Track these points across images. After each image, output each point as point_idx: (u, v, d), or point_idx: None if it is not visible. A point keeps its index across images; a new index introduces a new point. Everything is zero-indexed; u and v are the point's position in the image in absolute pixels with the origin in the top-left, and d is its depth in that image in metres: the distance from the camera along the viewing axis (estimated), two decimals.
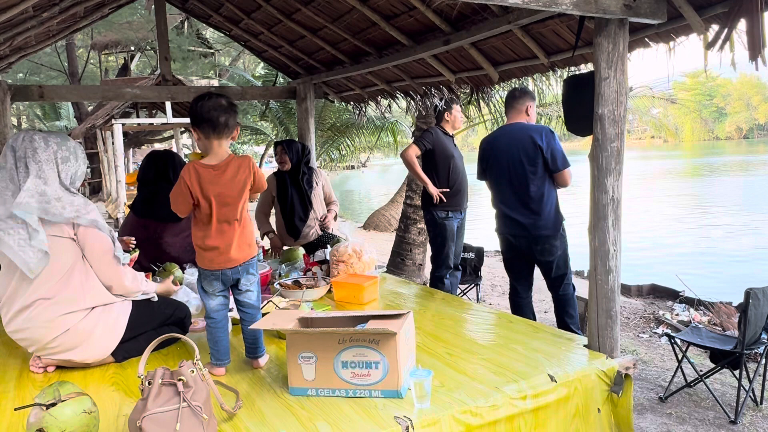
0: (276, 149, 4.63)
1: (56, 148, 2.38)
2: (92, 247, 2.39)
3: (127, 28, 14.52)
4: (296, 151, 4.56)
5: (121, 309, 2.49)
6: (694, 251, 10.91)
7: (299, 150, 4.58)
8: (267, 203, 4.75)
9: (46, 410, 1.70)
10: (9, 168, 2.32)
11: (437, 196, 4.37)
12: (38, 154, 2.33)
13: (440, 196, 4.37)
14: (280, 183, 4.58)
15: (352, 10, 3.93)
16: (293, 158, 4.52)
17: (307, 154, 4.68)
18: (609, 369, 2.38)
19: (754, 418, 3.45)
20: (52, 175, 2.33)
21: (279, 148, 4.58)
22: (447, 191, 4.39)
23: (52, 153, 2.36)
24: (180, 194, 2.24)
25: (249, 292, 2.36)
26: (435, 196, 4.37)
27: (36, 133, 2.40)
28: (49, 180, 2.32)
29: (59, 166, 2.37)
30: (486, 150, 3.97)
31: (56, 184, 2.34)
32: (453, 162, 4.45)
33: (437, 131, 4.54)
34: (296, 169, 4.55)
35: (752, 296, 3.31)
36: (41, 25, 4.02)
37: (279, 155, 4.57)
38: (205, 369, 1.86)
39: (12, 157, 2.33)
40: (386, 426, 1.87)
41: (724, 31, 2.29)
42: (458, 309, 3.22)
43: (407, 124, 14.03)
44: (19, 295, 2.33)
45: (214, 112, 2.23)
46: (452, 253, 4.51)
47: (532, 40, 3.32)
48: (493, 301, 6.48)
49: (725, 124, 68.28)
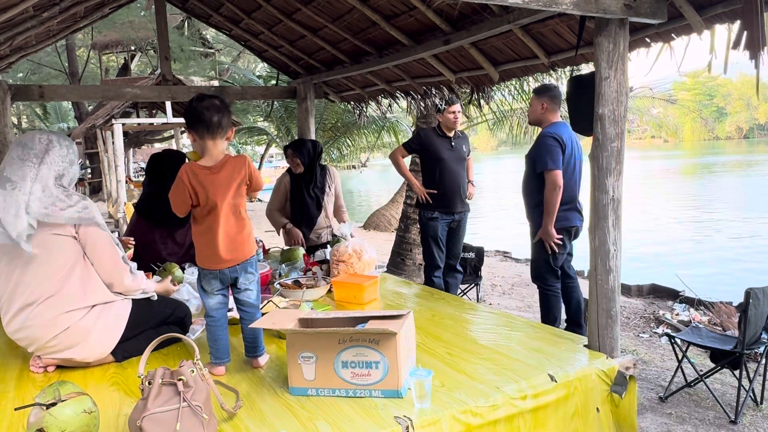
0: (287, 153, 4.49)
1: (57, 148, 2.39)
2: (93, 245, 2.40)
3: (129, 28, 14.52)
4: (307, 152, 4.39)
5: (121, 308, 2.50)
6: (694, 251, 10.91)
7: (310, 150, 4.41)
8: (280, 200, 4.54)
9: (47, 410, 1.70)
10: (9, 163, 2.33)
11: (423, 196, 4.49)
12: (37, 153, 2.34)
13: (426, 196, 4.46)
14: (294, 186, 4.44)
15: (353, 9, 3.93)
16: (305, 160, 4.37)
17: (320, 152, 4.52)
18: (609, 369, 2.38)
19: (755, 418, 3.45)
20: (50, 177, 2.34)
21: (290, 151, 4.44)
22: (434, 192, 4.47)
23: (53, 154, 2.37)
24: (178, 195, 2.26)
25: (248, 291, 2.37)
26: (420, 196, 4.51)
27: (38, 132, 2.41)
28: (49, 181, 2.33)
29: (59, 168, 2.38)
30: (563, 143, 3.90)
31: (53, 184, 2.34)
32: (442, 164, 4.48)
33: (429, 133, 4.59)
34: (309, 171, 4.41)
35: (752, 296, 3.31)
36: (41, 24, 4.02)
37: (290, 158, 4.42)
38: (205, 369, 1.86)
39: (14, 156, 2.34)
40: (386, 426, 1.87)
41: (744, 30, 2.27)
42: (458, 309, 3.22)
43: (407, 124, 14.04)
44: (19, 295, 2.33)
45: (207, 112, 2.23)
46: (438, 253, 4.55)
47: (532, 40, 3.32)
48: (493, 301, 6.48)
49: (725, 123, 68.25)
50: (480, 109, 4.76)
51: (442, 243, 4.58)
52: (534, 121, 4.18)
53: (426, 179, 4.56)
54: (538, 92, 4.08)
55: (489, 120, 10.78)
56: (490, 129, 11.41)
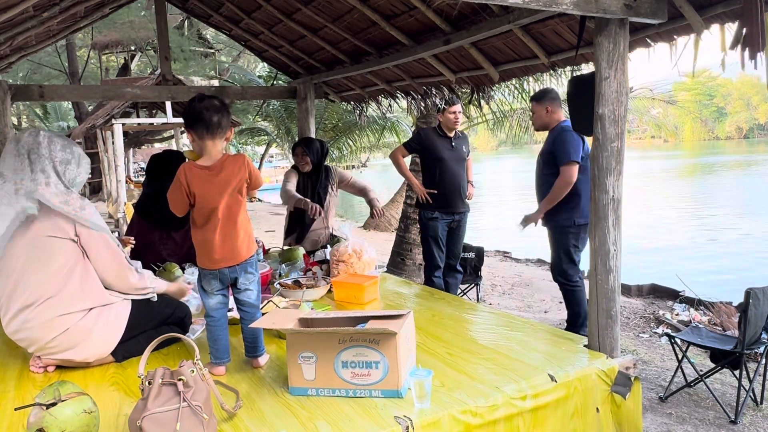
0: (296, 150, 4.46)
1: (59, 149, 2.41)
2: (97, 249, 2.41)
3: (129, 28, 14.51)
4: (317, 150, 4.39)
5: (120, 308, 2.50)
6: (694, 251, 10.91)
7: (319, 150, 4.41)
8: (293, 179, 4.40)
9: (47, 410, 1.70)
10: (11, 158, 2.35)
11: (423, 196, 4.50)
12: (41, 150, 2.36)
13: (426, 196, 4.47)
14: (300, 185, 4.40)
15: (353, 9, 3.93)
16: (314, 158, 4.37)
17: (326, 152, 4.50)
18: (609, 369, 2.38)
19: (755, 418, 3.45)
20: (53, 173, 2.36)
21: (299, 149, 4.41)
22: (434, 192, 4.47)
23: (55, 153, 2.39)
24: (175, 194, 2.27)
25: (248, 290, 2.37)
26: (420, 195, 4.51)
27: (42, 132, 2.43)
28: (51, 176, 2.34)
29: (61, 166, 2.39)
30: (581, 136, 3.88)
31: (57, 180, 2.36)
32: (442, 164, 4.48)
33: (429, 133, 4.59)
34: (316, 170, 4.40)
35: (752, 296, 3.31)
36: (41, 24, 4.02)
37: (300, 157, 4.40)
38: (205, 369, 1.86)
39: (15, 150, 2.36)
40: (386, 426, 1.87)
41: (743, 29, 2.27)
42: (458, 309, 3.22)
43: (408, 124, 14.04)
44: (18, 295, 2.33)
45: (206, 112, 2.23)
46: (438, 253, 4.55)
47: (532, 40, 3.32)
48: (493, 301, 6.48)
49: (725, 123, 68.24)
50: (480, 109, 4.75)
51: (442, 243, 4.58)
52: (541, 126, 4.16)
53: (426, 179, 4.57)
54: (538, 98, 4.07)
55: (489, 120, 10.77)
56: (490, 129, 11.40)
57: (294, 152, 4.52)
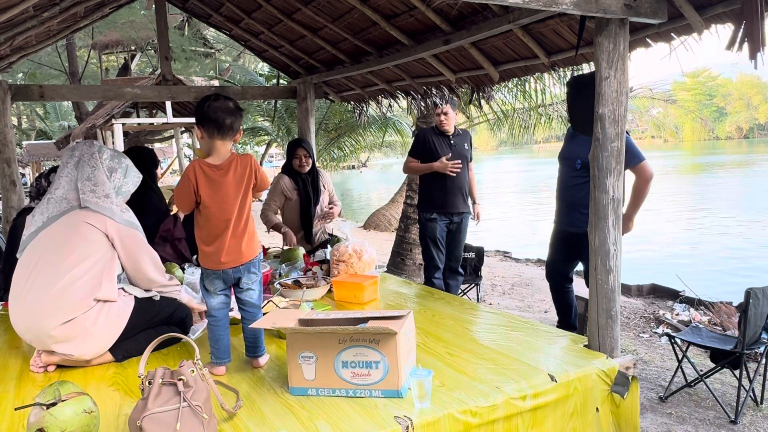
0: (297, 153, 4.45)
1: (108, 158, 2.63)
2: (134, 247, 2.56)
3: (129, 28, 14.51)
4: (312, 151, 4.47)
5: (123, 305, 2.51)
6: (694, 251, 10.91)
7: (313, 150, 4.50)
8: (276, 201, 4.51)
9: (47, 410, 1.70)
10: (63, 167, 2.60)
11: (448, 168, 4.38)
12: (92, 160, 2.59)
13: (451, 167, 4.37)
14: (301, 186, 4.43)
15: (353, 9, 3.93)
16: (313, 158, 4.45)
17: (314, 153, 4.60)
18: (609, 369, 2.38)
19: (755, 418, 3.45)
20: (99, 180, 2.56)
21: (302, 151, 4.42)
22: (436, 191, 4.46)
23: (104, 161, 2.61)
24: (184, 191, 2.26)
25: (250, 290, 2.37)
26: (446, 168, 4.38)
27: (96, 143, 2.68)
28: (98, 184, 2.55)
29: (108, 174, 2.60)
30: None
31: (102, 187, 2.56)
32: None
33: (428, 133, 4.59)
34: (311, 170, 4.44)
35: (752, 296, 3.31)
36: (41, 24, 4.02)
37: (302, 159, 4.41)
38: (205, 369, 1.86)
39: (69, 158, 2.60)
40: (386, 426, 1.87)
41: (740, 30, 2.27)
42: (458, 309, 3.22)
43: (408, 123, 14.04)
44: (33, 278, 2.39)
45: (221, 113, 2.24)
46: (437, 254, 4.53)
47: (532, 40, 3.32)
48: (494, 301, 6.48)
49: (725, 123, 68.27)
50: (480, 109, 4.74)
51: (442, 244, 4.56)
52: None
53: (425, 179, 4.55)
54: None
55: (490, 120, 10.77)
56: (491, 129, 11.40)
57: (294, 155, 4.49)
